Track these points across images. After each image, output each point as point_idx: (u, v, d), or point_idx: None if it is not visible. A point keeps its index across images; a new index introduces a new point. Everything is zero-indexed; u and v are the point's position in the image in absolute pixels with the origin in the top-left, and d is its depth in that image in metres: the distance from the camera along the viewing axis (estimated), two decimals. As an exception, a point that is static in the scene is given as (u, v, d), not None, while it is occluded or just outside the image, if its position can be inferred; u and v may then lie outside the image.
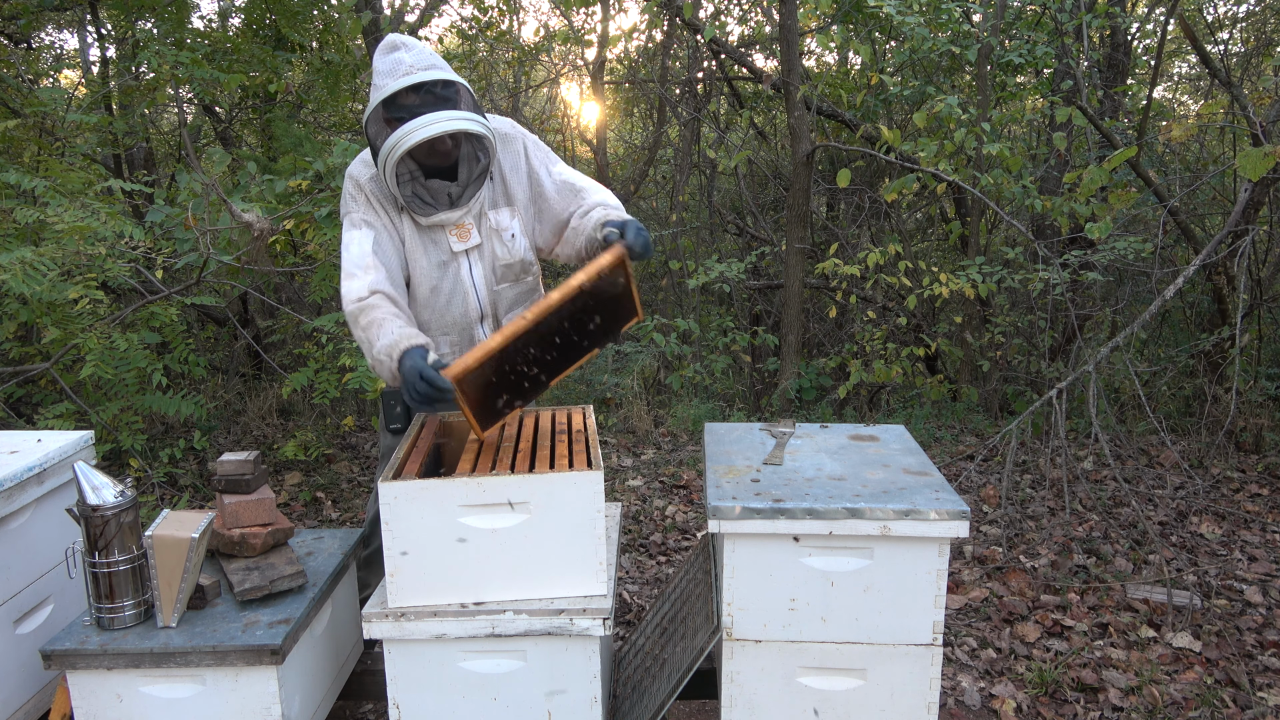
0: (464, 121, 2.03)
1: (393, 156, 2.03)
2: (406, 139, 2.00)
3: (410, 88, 2.02)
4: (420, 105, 2.02)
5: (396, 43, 2.10)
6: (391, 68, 2.05)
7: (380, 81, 2.06)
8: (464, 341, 2.36)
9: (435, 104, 2.03)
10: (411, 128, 1.99)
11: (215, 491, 2.07)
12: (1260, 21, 8.27)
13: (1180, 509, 4.24)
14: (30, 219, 3.65)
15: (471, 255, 2.29)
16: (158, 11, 5.61)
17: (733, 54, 7.59)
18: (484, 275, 2.32)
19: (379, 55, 2.09)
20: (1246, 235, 4.38)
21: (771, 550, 1.82)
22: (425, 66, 2.04)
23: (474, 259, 2.30)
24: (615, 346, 6.44)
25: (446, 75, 2.06)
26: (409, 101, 2.03)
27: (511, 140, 2.32)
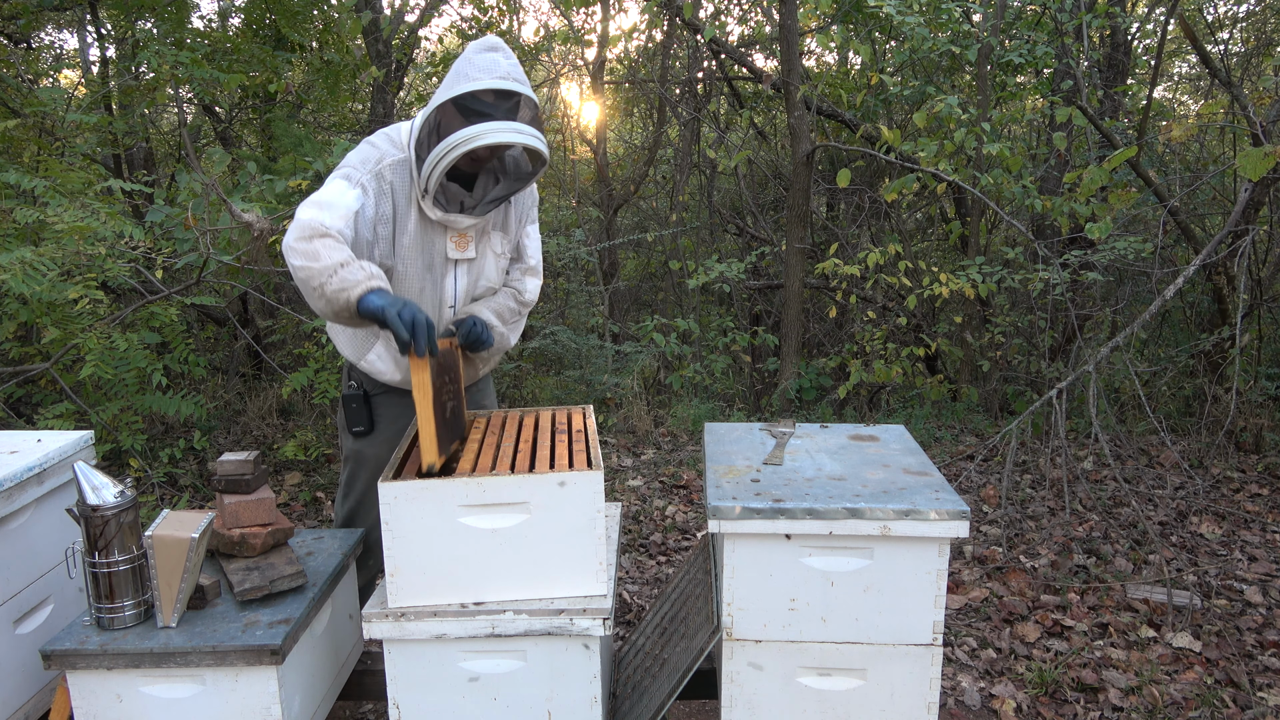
0: (540, 141, 2.04)
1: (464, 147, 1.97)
2: (488, 136, 1.97)
3: (500, 91, 2.01)
4: (505, 111, 2.02)
5: (496, 45, 2.08)
6: (489, 66, 2.02)
7: (473, 73, 2.01)
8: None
9: (512, 114, 2.03)
10: (496, 128, 1.97)
11: (215, 491, 2.07)
12: (1260, 21, 8.27)
13: (1180, 509, 4.24)
14: (30, 219, 3.66)
15: (461, 266, 2.26)
16: (158, 11, 5.61)
17: (733, 54, 7.59)
18: (465, 288, 2.29)
19: (476, 50, 2.06)
20: (1246, 235, 4.38)
21: (771, 550, 1.82)
22: (519, 79, 2.04)
23: (461, 271, 2.26)
24: (615, 347, 6.44)
25: (531, 94, 2.07)
26: (493, 104, 2.01)
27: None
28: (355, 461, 2.39)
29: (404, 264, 2.18)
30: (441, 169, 2.02)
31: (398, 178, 2.13)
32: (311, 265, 1.93)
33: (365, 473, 2.38)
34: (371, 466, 2.36)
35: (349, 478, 2.42)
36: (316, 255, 1.93)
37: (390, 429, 2.35)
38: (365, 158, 2.13)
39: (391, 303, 1.88)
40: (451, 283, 2.26)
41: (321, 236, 1.95)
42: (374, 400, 2.34)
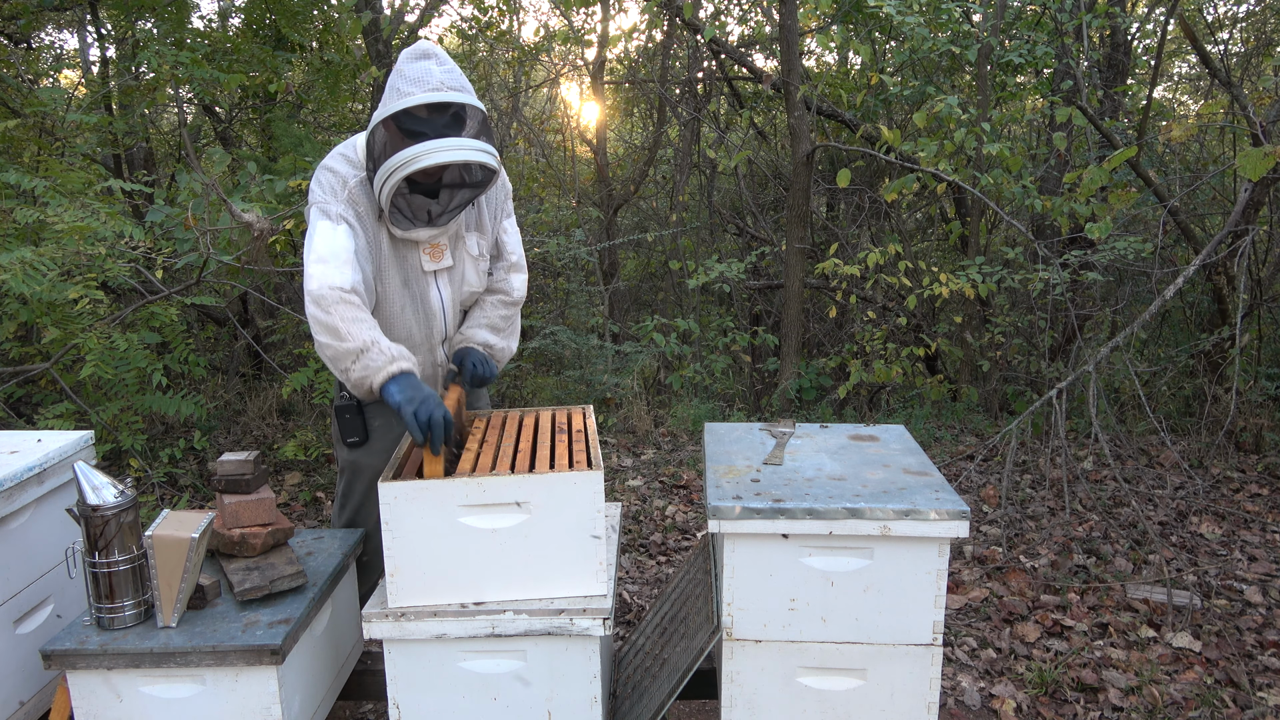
0: (484, 155, 1.97)
1: (402, 171, 1.92)
2: (424, 159, 1.90)
3: (434, 105, 1.93)
4: (441, 125, 1.93)
5: (429, 51, 2.00)
6: (420, 76, 1.94)
7: (405, 88, 1.94)
8: (426, 363, 2.30)
9: (454, 126, 1.95)
10: (432, 149, 1.90)
11: (215, 491, 2.07)
12: (1260, 21, 8.27)
13: (1180, 509, 4.24)
14: (30, 219, 3.66)
15: (441, 277, 2.23)
16: (158, 11, 5.61)
17: (733, 54, 7.59)
18: (451, 298, 2.26)
19: (407, 59, 1.99)
20: (1246, 235, 4.38)
21: (771, 550, 1.82)
22: (455, 86, 1.96)
23: (443, 281, 2.23)
24: (615, 347, 6.44)
25: (472, 100, 1.98)
26: (430, 118, 1.93)
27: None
28: (351, 472, 2.36)
29: (382, 285, 2.14)
30: (389, 192, 1.98)
31: (364, 199, 2.08)
32: (336, 345, 1.96)
33: (361, 484, 2.35)
34: (368, 476, 2.33)
35: (345, 488, 2.39)
36: (339, 333, 1.95)
37: (385, 438, 2.32)
38: (331, 186, 2.07)
39: (409, 399, 1.89)
40: (436, 295, 2.23)
41: (339, 303, 1.96)
42: (368, 410, 2.30)
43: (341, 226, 2.04)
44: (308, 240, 2.05)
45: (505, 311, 2.37)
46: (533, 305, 7.89)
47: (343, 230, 2.04)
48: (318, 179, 2.11)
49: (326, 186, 2.08)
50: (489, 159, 1.98)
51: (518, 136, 8.93)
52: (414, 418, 1.85)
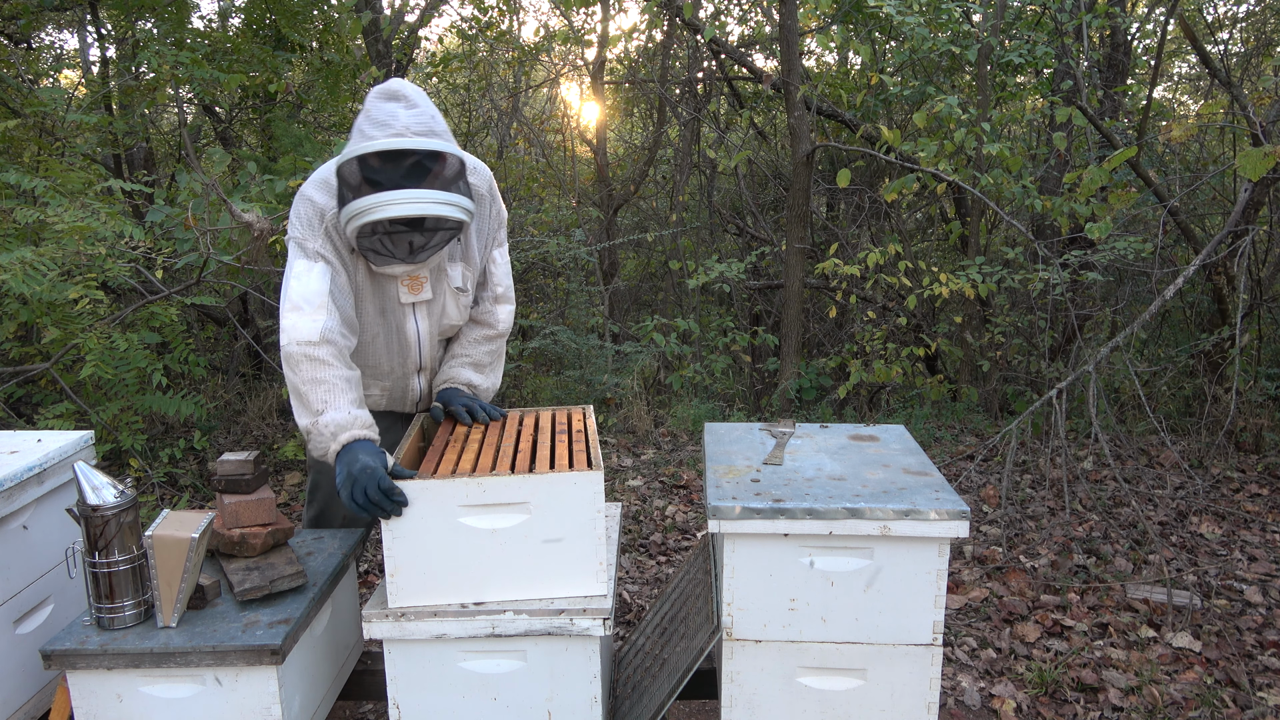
0: (444, 208, 1.87)
1: (357, 221, 1.87)
2: (378, 211, 1.83)
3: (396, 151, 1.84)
4: (400, 174, 1.84)
5: (397, 92, 1.91)
6: (385, 120, 1.87)
7: (369, 130, 1.88)
8: (397, 390, 2.29)
9: (415, 175, 1.85)
10: (386, 200, 1.83)
11: (215, 491, 2.07)
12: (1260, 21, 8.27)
13: (1180, 509, 4.24)
14: (30, 219, 3.66)
15: (419, 309, 2.18)
16: (158, 11, 5.61)
17: (733, 54, 7.59)
18: (429, 330, 2.22)
19: (375, 99, 1.92)
20: (1246, 235, 4.38)
21: (771, 550, 1.82)
22: (421, 131, 1.87)
23: (421, 313, 2.19)
24: (615, 347, 6.44)
25: (439, 146, 1.87)
26: (390, 166, 1.84)
27: (483, 201, 2.19)
28: (316, 470, 2.37)
29: (362, 311, 2.13)
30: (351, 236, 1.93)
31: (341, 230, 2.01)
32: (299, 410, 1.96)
33: (326, 481, 2.35)
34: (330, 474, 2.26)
35: (312, 485, 2.40)
36: (301, 398, 1.94)
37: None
38: (308, 219, 2.02)
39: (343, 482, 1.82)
40: (413, 327, 2.19)
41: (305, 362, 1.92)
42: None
43: (318, 265, 2.00)
44: (285, 279, 2.01)
45: (489, 347, 2.30)
46: (533, 305, 7.89)
47: (318, 270, 1.99)
48: (296, 210, 2.05)
49: (304, 219, 2.02)
50: (449, 211, 1.89)
51: (518, 136, 8.93)
52: (351, 502, 1.79)
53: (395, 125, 1.86)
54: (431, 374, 2.33)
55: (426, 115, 1.90)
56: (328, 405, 1.93)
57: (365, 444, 1.89)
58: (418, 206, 1.84)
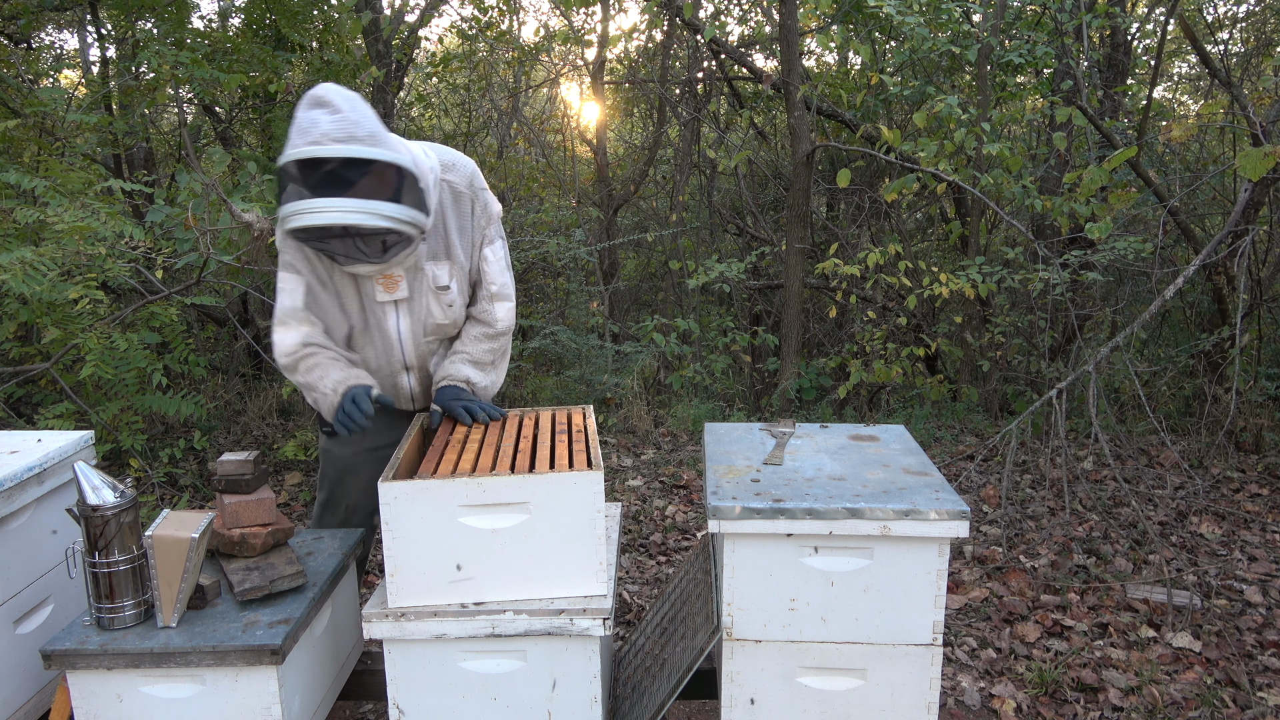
0: (361, 216, 1.82)
1: (280, 229, 1.88)
2: (293, 220, 1.82)
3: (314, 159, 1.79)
4: (319, 183, 1.80)
5: (321, 98, 1.85)
6: (307, 127, 1.81)
7: (293, 137, 1.83)
8: (386, 386, 2.31)
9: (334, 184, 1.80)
10: (300, 209, 1.81)
11: (215, 491, 2.07)
12: (1260, 21, 8.27)
13: (1180, 509, 4.24)
14: (30, 219, 3.66)
15: (400, 307, 2.18)
16: (158, 11, 5.61)
17: (733, 54, 7.59)
18: (411, 329, 2.21)
19: (302, 106, 1.86)
20: (1246, 235, 4.38)
21: (771, 550, 1.82)
22: (340, 138, 1.80)
23: (401, 311, 2.18)
24: (615, 347, 6.45)
25: (358, 153, 1.81)
26: (309, 173, 1.80)
27: (462, 199, 2.17)
28: (325, 458, 2.46)
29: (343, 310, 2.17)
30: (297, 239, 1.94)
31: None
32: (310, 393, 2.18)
33: (332, 469, 2.44)
34: (338, 464, 2.41)
35: (321, 472, 2.50)
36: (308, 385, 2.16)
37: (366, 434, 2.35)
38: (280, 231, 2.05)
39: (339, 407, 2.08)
40: (393, 324, 2.20)
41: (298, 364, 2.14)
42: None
43: (291, 278, 2.10)
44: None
45: (489, 344, 2.29)
46: (533, 305, 7.89)
47: (291, 283, 2.10)
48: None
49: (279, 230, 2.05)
50: (368, 220, 1.83)
51: (518, 136, 8.93)
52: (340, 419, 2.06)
53: (314, 133, 1.81)
54: (421, 372, 2.33)
55: (349, 121, 1.83)
56: (327, 375, 2.13)
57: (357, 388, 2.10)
58: (328, 216, 1.80)
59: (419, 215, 1.95)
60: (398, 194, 1.89)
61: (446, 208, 2.16)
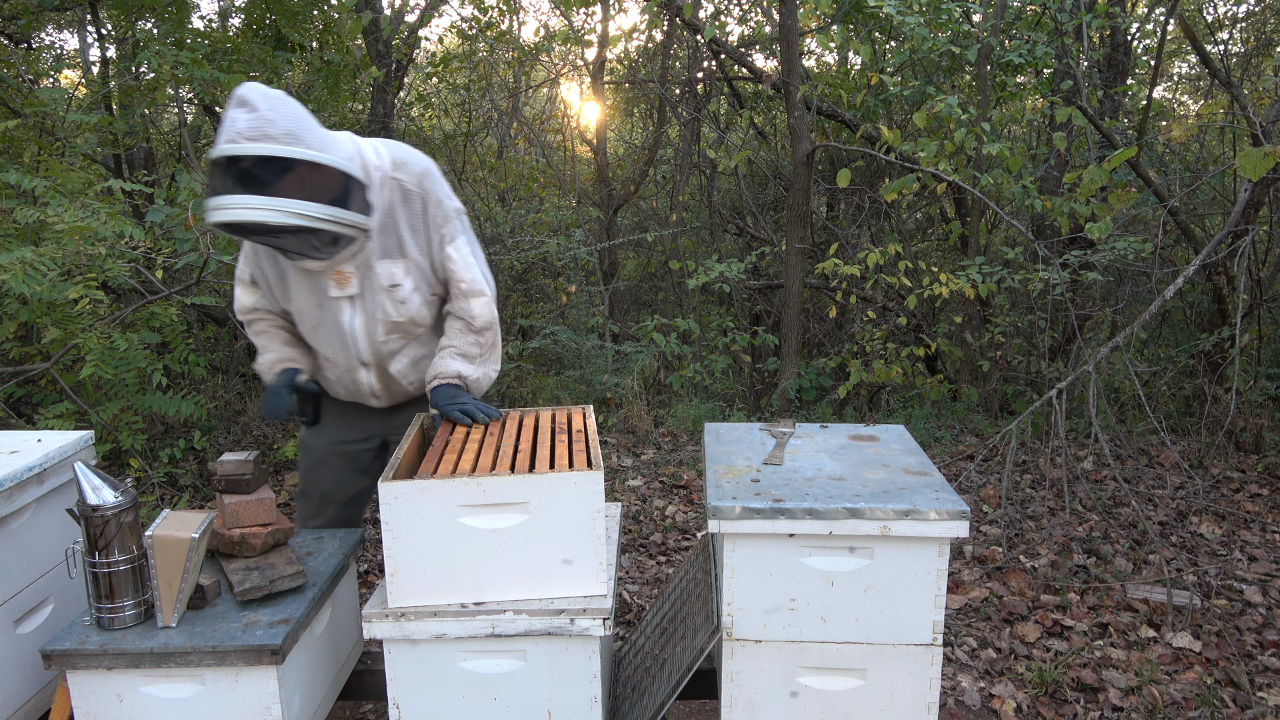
0: (265, 213, 1.82)
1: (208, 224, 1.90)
2: (211, 215, 1.83)
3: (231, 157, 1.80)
4: (234, 180, 1.81)
5: (242, 97, 1.83)
6: (227, 125, 1.81)
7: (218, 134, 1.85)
8: (347, 380, 2.32)
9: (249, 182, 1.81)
10: (215, 205, 1.83)
11: (215, 491, 2.07)
12: (1260, 21, 8.27)
13: (1180, 509, 4.24)
14: (30, 219, 3.65)
15: (355, 303, 2.18)
16: (158, 11, 5.61)
17: (733, 54, 7.59)
18: (365, 325, 2.20)
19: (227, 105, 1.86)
20: (1246, 235, 4.38)
21: (771, 550, 1.82)
22: (254, 136, 1.79)
23: (355, 307, 2.18)
24: (615, 347, 6.45)
25: (275, 150, 1.81)
26: (224, 171, 1.81)
27: (412, 198, 2.14)
28: (301, 447, 2.54)
29: (296, 299, 2.21)
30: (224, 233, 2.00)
31: None
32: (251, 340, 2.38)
33: (307, 459, 2.51)
34: (311, 455, 2.49)
35: (300, 459, 2.57)
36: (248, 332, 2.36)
37: (333, 425, 2.44)
38: None
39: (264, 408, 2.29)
40: (347, 320, 2.20)
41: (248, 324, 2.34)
42: (322, 399, 2.42)
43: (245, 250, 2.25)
44: None
45: (473, 338, 2.27)
46: (533, 305, 7.89)
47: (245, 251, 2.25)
48: None
49: None
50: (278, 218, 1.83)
51: (518, 136, 8.93)
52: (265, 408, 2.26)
53: (230, 131, 1.81)
54: (380, 370, 2.31)
55: (264, 119, 1.81)
56: (266, 349, 2.31)
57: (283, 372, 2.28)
58: (236, 213, 1.82)
59: (344, 213, 1.94)
60: (318, 192, 1.88)
61: (396, 206, 2.13)
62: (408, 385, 2.37)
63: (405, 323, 2.24)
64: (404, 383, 2.36)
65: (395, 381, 2.34)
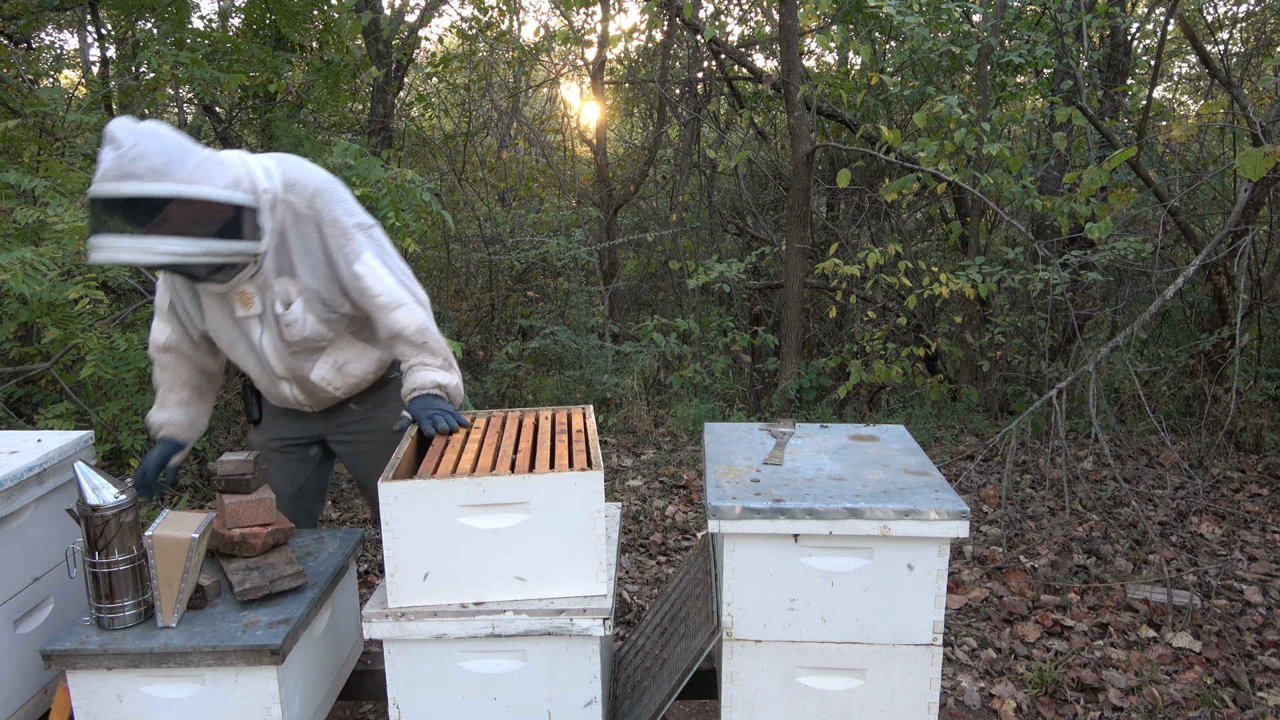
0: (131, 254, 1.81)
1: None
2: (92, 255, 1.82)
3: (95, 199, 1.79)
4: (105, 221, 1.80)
5: (108, 134, 1.80)
6: (97, 165, 1.81)
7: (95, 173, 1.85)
8: (275, 392, 2.33)
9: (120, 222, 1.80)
10: (90, 245, 1.82)
11: (215, 491, 2.07)
12: (1260, 21, 8.27)
13: (1180, 509, 4.24)
14: (30, 219, 3.65)
15: (263, 321, 2.17)
16: (158, 11, 5.61)
17: (733, 54, 7.59)
18: (272, 342, 2.20)
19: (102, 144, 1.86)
20: (1246, 235, 4.38)
21: (771, 550, 1.82)
22: (118, 176, 1.78)
23: (263, 325, 2.18)
24: (615, 347, 6.45)
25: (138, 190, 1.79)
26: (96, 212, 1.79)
27: (303, 220, 2.10)
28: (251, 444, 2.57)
29: (211, 321, 2.22)
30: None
31: None
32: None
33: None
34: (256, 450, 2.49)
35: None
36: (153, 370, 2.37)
37: (273, 424, 2.47)
38: None
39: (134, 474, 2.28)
40: (257, 337, 2.20)
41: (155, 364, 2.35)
42: (264, 401, 2.47)
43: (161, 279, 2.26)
44: None
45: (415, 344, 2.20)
46: (533, 305, 7.89)
47: (161, 282, 2.25)
48: None
49: None
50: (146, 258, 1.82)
51: (518, 136, 8.93)
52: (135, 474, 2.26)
53: (98, 171, 1.80)
54: (300, 382, 2.30)
55: (128, 158, 1.79)
56: (161, 404, 2.35)
57: (165, 442, 2.33)
58: (104, 254, 1.81)
59: (221, 244, 1.92)
60: (194, 224, 1.87)
61: (288, 228, 2.10)
62: (334, 391, 2.34)
63: (311, 338, 2.21)
64: (329, 389, 2.32)
65: (320, 389, 2.32)
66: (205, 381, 2.40)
